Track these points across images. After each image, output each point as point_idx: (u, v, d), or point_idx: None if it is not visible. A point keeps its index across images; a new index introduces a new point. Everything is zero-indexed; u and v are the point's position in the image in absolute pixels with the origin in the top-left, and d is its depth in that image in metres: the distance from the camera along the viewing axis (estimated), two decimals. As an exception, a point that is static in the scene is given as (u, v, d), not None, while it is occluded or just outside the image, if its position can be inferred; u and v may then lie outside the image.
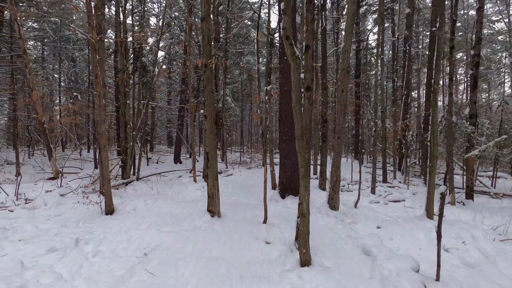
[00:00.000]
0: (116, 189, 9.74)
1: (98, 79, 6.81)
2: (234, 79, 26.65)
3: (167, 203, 7.82)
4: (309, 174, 4.60)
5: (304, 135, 4.50)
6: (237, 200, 9.17)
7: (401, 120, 16.10)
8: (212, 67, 6.67)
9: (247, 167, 17.24)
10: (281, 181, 8.72)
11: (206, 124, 6.74)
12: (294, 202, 8.21)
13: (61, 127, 23.45)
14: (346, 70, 7.31)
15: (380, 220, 7.56)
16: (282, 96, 8.64)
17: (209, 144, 6.75)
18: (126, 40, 9.78)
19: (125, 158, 10.26)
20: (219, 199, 6.96)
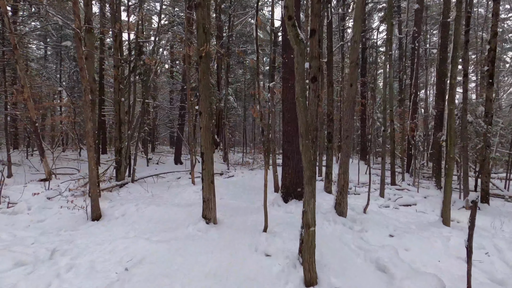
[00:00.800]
0: (110, 192, 9.11)
1: (83, 72, 6.18)
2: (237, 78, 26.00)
3: (160, 208, 7.15)
4: (315, 178, 3.90)
5: (309, 133, 3.81)
6: (237, 203, 8.49)
7: (410, 119, 15.31)
8: (208, 58, 6.00)
9: (249, 168, 16.56)
10: (284, 183, 8.02)
11: (201, 121, 6.07)
12: (298, 207, 7.51)
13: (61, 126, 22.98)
14: (355, 62, 6.60)
15: (392, 227, 6.83)
16: (286, 92, 7.95)
17: (205, 143, 6.08)
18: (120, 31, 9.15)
19: (119, 158, 9.63)
20: (215, 204, 6.29)
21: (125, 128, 9.68)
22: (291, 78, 7.83)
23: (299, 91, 3.73)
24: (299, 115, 3.80)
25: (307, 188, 3.78)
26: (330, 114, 10.56)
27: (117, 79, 9.60)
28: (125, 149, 9.72)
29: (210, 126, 6.18)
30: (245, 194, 10.06)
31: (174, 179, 11.87)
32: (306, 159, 3.76)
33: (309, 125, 3.85)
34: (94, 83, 7.49)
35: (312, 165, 3.78)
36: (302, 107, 3.74)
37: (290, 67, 7.82)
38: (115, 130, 9.67)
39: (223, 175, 14.08)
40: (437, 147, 12.05)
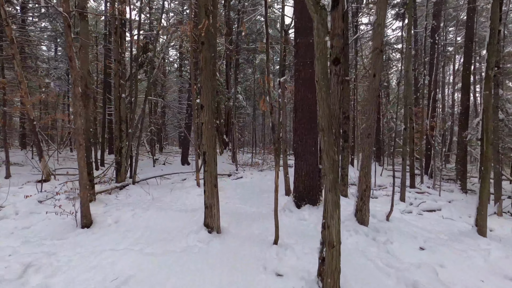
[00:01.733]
0: (109, 194, 8.41)
1: (73, 62, 5.45)
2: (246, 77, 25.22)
3: (159, 213, 6.39)
4: (339, 183, 3.05)
5: (332, 126, 2.96)
6: (245, 208, 7.67)
7: (429, 118, 14.25)
8: (210, 44, 5.20)
9: (259, 169, 15.72)
10: (296, 187, 7.17)
11: (202, 115, 5.28)
12: (312, 213, 6.65)
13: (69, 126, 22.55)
14: (379, 49, 5.72)
15: (421, 237, 5.92)
16: (298, 85, 7.10)
17: (207, 141, 5.28)
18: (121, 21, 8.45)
19: (119, 158, 8.92)
20: (219, 211, 5.47)
21: (126, 127, 8.97)
22: (304, 70, 6.98)
23: (320, 71, 2.90)
24: (320, 104, 2.96)
25: (330, 196, 2.93)
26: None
27: (117, 73, 8.91)
28: (125, 149, 9.01)
29: (214, 121, 5.38)
30: (253, 197, 9.24)
31: (179, 181, 11.13)
32: (329, 159, 2.91)
33: (333, 117, 3.00)
34: (89, 76, 6.79)
35: (336, 167, 2.93)
36: (323, 93, 2.90)
37: (302, 57, 6.96)
38: (115, 129, 8.98)
39: (231, 176, 13.28)
40: (462, 147, 11.01)
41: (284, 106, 9.45)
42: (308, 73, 6.93)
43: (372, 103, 5.82)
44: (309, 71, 6.94)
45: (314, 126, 7.00)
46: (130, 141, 9.19)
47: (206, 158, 5.29)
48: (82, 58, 6.77)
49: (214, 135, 5.35)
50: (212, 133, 5.31)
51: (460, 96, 13.54)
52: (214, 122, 5.39)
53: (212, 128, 5.31)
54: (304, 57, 6.92)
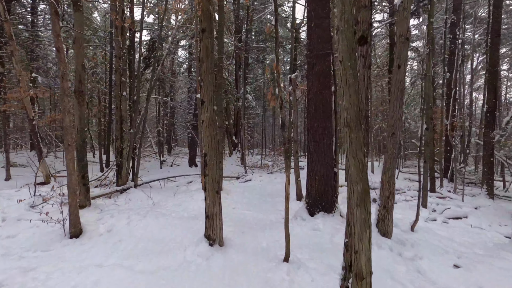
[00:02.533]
0: (108, 198, 7.85)
1: (61, 54, 4.88)
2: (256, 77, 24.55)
3: (158, 220, 5.74)
4: (369, 196, 2.32)
5: (360, 121, 2.24)
6: (252, 215, 6.97)
7: (449, 118, 13.27)
8: (212, 32, 4.53)
9: (268, 171, 15.01)
10: (309, 192, 6.43)
11: (203, 112, 4.61)
12: (326, 222, 5.90)
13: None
14: (404, 37, 4.96)
15: (453, 252, 5.11)
16: (311, 80, 6.37)
17: (208, 141, 4.61)
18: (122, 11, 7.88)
19: (120, 160, 8.34)
20: (222, 220, 4.78)
21: (127, 126, 8.39)
22: (318, 63, 6.25)
23: (345, 48, 2.18)
24: (345, 91, 2.24)
25: (358, 212, 2.22)
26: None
27: (118, 70, 8.35)
28: (127, 150, 8.43)
29: (215, 119, 4.71)
30: (262, 202, 8.54)
31: (184, 183, 10.51)
32: (356, 163, 2.19)
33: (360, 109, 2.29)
34: (84, 71, 6.20)
35: (365, 173, 2.21)
36: (349, 76, 2.19)
37: (315, 49, 6.24)
38: (116, 129, 8.41)
39: (240, 178, 12.61)
40: (489, 148, 10.06)
41: (296, 105, 8.72)
42: (322, 66, 6.20)
43: (397, 98, 5.05)
44: (323, 63, 6.21)
45: (329, 125, 6.26)
46: (132, 141, 8.60)
47: (207, 160, 4.62)
48: (77, 51, 6.21)
49: (215, 134, 4.67)
50: (214, 132, 4.64)
51: (475, 95, 12.56)
52: (216, 120, 4.72)
53: (214, 127, 4.64)
54: (318, 48, 6.19)
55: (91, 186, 8.75)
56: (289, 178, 4.15)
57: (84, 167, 6.32)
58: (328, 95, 6.26)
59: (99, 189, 8.39)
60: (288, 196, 4.14)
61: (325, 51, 6.19)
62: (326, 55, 6.22)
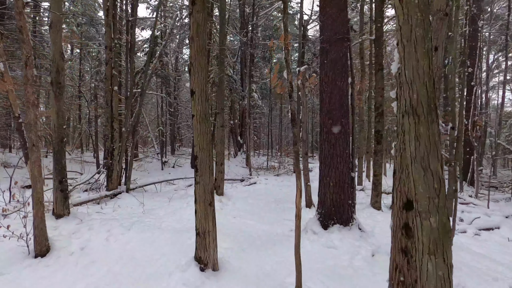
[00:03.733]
0: (97, 204, 6.95)
1: (24, 34, 3.98)
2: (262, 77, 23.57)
3: (144, 234, 4.80)
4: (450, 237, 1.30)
5: (436, 105, 1.23)
6: (256, 226, 5.98)
7: (470, 117, 12.11)
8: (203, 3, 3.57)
9: (274, 173, 14.02)
10: (322, 201, 5.42)
11: (193, 104, 3.66)
12: (344, 238, 4.89)
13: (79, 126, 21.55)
14: (443, 12, 3.91)
15: (502, 278, 4.07)
16: (325, 69, 5.37)
17: (199, 141, 3.65)
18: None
19: (111, 162, 7.44)
20: (216, 239, 3.81)
21: (117, 124, 7.49)
22: (332, 47, 5.24)
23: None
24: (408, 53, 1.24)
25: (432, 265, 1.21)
26: (379, 106, 7.83)
27: (109, 62, 7.46)
28: (118, 151, 7.53)
29: (209, 113, 3.74)
30: (267, 210, 7.56)
31: (184, 187, 9.58)
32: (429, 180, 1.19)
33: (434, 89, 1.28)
34: (62, 60, 5.31)
35: (443, 197, 1.20)
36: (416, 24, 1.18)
37: (330, 32, 5.24)
38: (106, 127, 7.51)
39: (244, 181, 11.64)
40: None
41: (305, 101, 7.72)
42: (337, 52, 5.20)
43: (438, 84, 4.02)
44: (339, 50, 5.21)
45: (346, 122, 5.25)
46: (124, 141, 7.70)
47: (198, 164, 3.66)
48: (54, 37, 5.31)
49: (208, 132, 3.70)
50: (207, 129, 3.67)
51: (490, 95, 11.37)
52: (209, 114, 3.75)
53: (207, 122, 3.67)
54: (332, 31, 5.19)
55: (80, 190, 7.89)
56: (301, 189, 3.16)
57: (62, 171, 5.42)
58: (345, 86, 5.25)
59: (88, 193, 7.50)
60: (300, 213, 3.16)
61: (342, 35, 5.18)
62: (342, 40, 5.22)
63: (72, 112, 27.34)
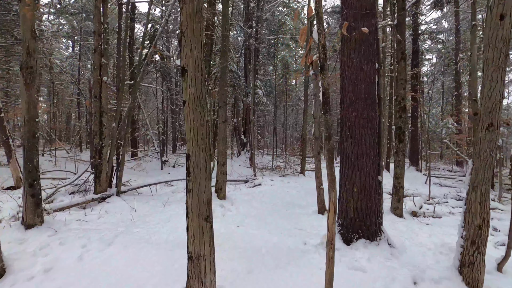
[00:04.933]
0: (83, 209, 6.04)
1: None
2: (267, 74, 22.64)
3: (126, 252, 3.87)
4: None
5: None
6: (263, 238, 5.03)
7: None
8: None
9: (280, 174, 13.06)
10: (344, 210, 4.46)
11: (185, 88, 2.72)
12: (372, 257, 3.94)
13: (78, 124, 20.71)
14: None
15: None
16: (347, 50, 4.42)
17: (192, 135, 2.72)
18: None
19: (99, 162, 6.52)
20: (215, 265, 2.87)
21: (107, 120, 6.57)
22: (358, 24, 4.28)
23: None
24: None
25: None
26: (401, 100, 6.87)
27: (97, 50, 6.55)
28: (107, 149, 6.62)
29: (206, 99, 2.81)
30: (275, 216, 6.62)
31: (182, 189, 8.65)
32: None
33: None
34: (34, 40, 4.40)
35: None
36: None
37: (354, 7, 4.27)
38: (94, 122, 6.60)
39: (248, 183, 10.71)
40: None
41: (318, 92, 6.77)
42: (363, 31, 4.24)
43: (497, 67, 3.07)
44: (367, 26, 4.24)
45: (373, 116, 4.30)
46: (115, 138, 6.78)
47: (191, 166, 2.72)
48: (23, 14, 4.39)
49: (205, 125, 2.77)
50: (202, 120, 2.74)
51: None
52: (206, 100, 2.82)
53: (203, 111, 2.75)
54: (358, 2, 4.23)
55: (66, 192, 6.99)
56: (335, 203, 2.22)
57: (33, 172, 4.50)
58: (372, 72, 4.30)
59: (73, 196, 6.60)
60: (333, 239, 2.21)
61: (369, 10, 4.23)
62: (369, 16, 4.27)
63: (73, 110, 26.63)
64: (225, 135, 7.52)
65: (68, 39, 25.56)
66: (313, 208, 7.23)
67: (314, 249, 4.34)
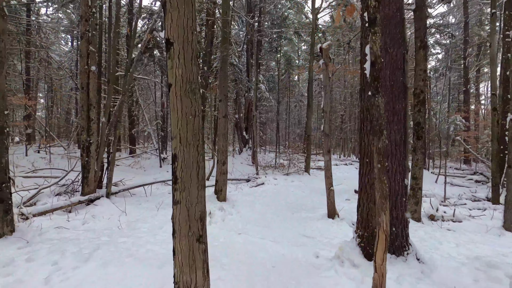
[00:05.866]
0: (69, 212, 5.39)
1: None
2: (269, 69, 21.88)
3: (105, 271, 3.19)
4: None
5: None
6: (268, 249, 4.35)
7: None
8: None
9: (284, 172, 12.37)
10: (364, 219, 3.76)
11: (170, 66, 2.03)
12: (401, 278, 3.25)
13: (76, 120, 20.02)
14: None
15: None
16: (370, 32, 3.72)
17: (180, 127, 2.03)
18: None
19: (86, 160, 5.85)
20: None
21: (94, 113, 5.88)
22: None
23: None
24: None
25: None
26: (420, 93, 6.15)
27: (84, 36, 5.84)
28: (96, 146, 5.93)
29: (198, 82, 2.11)
30: (280, 220, 5.95)
31: (180, 189, 7.98)
32: None
33: None
34: (2, 19, 3.70)
35: None
36: None
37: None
38: (81, 117, 5.91)
39: (250, 181, 10.04)
40: None
41: (328, 85, 6.08)
42: (392, 6, 3.53)
43: None
44: (394, 3, 3.54)
45: (400, 108, 3.60)
46: (104, 134, 6.10)
47: (178, 169, 2.04)
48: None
49: (197, 114, 2.08)
50: (194, 109, 2.05)
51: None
52: (198, 83, 2.12)
53: (194, 98, 2.05)
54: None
55: (52, 193, 6.32)
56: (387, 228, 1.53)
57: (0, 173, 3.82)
58: (399, 56, 3.59)
59: (58, 198, 5.94)
60: (383, 280, 1.51)
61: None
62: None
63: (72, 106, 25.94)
64: (225, 131, 6.83)
65: (67, 34, 24.97)
66: (322, 211, 6.55)
67: (329, 264, 3.65)
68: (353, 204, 7.78)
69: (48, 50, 17.64)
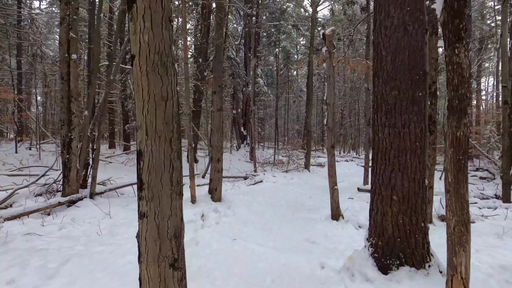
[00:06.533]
0: (47, 215, 4.85)
1: None
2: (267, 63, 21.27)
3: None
4: None
5: None
6: (268, 256, 3.81)
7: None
8: None
9: (283, 169, 11.85)
10: (379, 226, 3.23)
11: (132, 29, 1.47)
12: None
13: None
14: None
15: None
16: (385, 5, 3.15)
17: (148, 115, 1.48)
18: None
19: (67, 157, 5.29)
20: None
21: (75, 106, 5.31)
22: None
23: None
24: None
25: None
26: (431, 84, 5.60)
27: (64, 21, 5.26)
28: (77, 142, 5.38)
29: (173, 54, 1.55)
30: (280, 222, 5.43)
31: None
32: None
33: None
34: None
35: None
36: None
37: None
38: (61, 110, 5.34)
39: (248, 179, 9.52)
40: None
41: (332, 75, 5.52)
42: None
43: None
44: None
45: (419, 96, 3.06)
46: (87, 129, 5.54)
47: (144, 173, 1.49)
48: None
49: (169, 97, 1.52)
50: (166, 90, 1.50)
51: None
52: (173, 57, 1.57)
53: (166, 73, 1.50)
54: None
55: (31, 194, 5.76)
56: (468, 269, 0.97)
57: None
58: (420, 36, 3.04)
59: (37, 199, 5.39)
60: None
61: None
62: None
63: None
64: (220, 126, 6.28)
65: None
66: (325, 212, 6.02)
67: (337, 278, 3.13)
68: (356, 203, 7.27)
69: (41, 45, 17.01)
